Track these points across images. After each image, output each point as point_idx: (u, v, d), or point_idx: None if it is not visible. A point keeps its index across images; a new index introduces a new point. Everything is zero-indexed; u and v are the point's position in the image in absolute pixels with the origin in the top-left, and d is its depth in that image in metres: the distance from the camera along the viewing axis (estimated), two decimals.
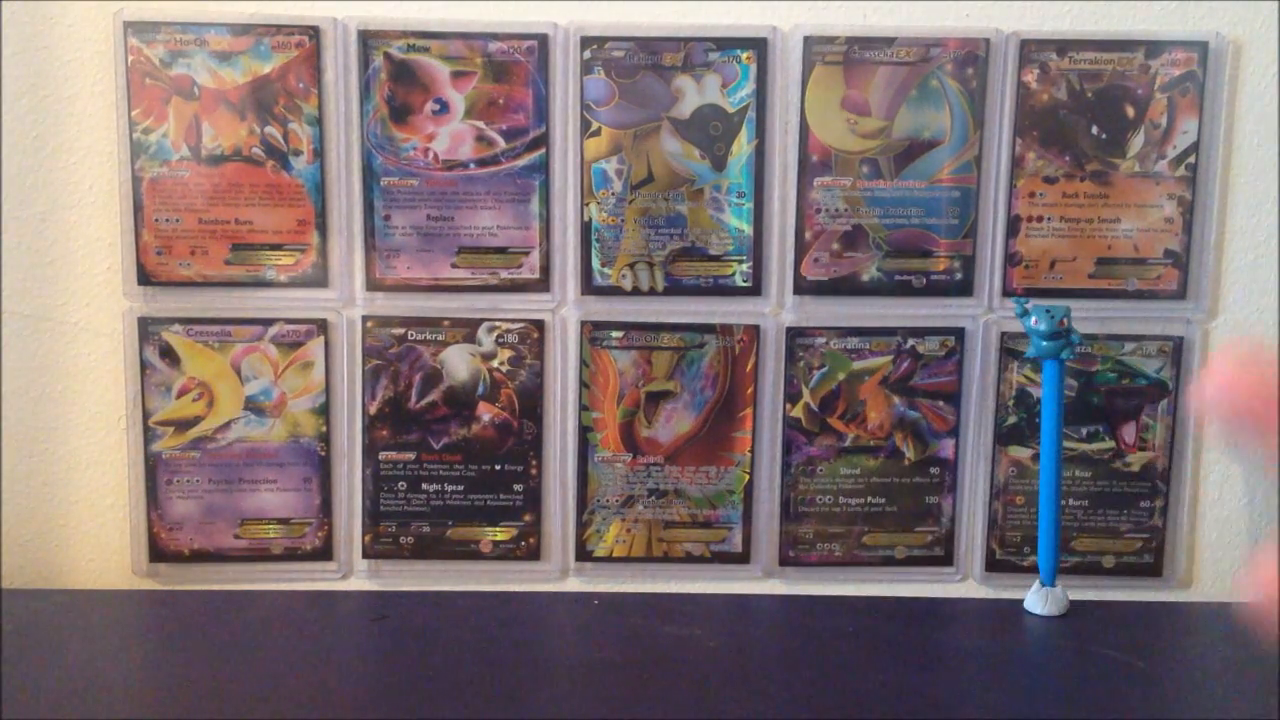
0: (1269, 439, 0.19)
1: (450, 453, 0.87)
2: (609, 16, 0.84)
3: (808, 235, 0.85)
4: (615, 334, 0.86)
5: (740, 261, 0.85)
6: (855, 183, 0.85)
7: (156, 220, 0.84)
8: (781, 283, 0.86)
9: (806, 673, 0.70)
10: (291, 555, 0.88)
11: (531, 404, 0.87)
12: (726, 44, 0.83)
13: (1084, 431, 0.88)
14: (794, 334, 0.86)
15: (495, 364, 0.86)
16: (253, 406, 0.86)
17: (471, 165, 0.84)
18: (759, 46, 0.83)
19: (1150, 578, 0.89)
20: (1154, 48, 0.84)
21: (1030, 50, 0.84)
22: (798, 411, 0.87)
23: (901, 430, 0.88)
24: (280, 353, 0.85)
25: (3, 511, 0.88)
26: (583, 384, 0.87)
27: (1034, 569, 0.87)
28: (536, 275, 0.85)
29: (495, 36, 0.83)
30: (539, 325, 0.86)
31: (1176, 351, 0.87)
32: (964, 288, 0.86)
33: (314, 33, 0.83)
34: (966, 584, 0.90)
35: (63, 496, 0.88)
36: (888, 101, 0.84)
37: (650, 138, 0.84)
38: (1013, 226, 0.85)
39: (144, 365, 0.85)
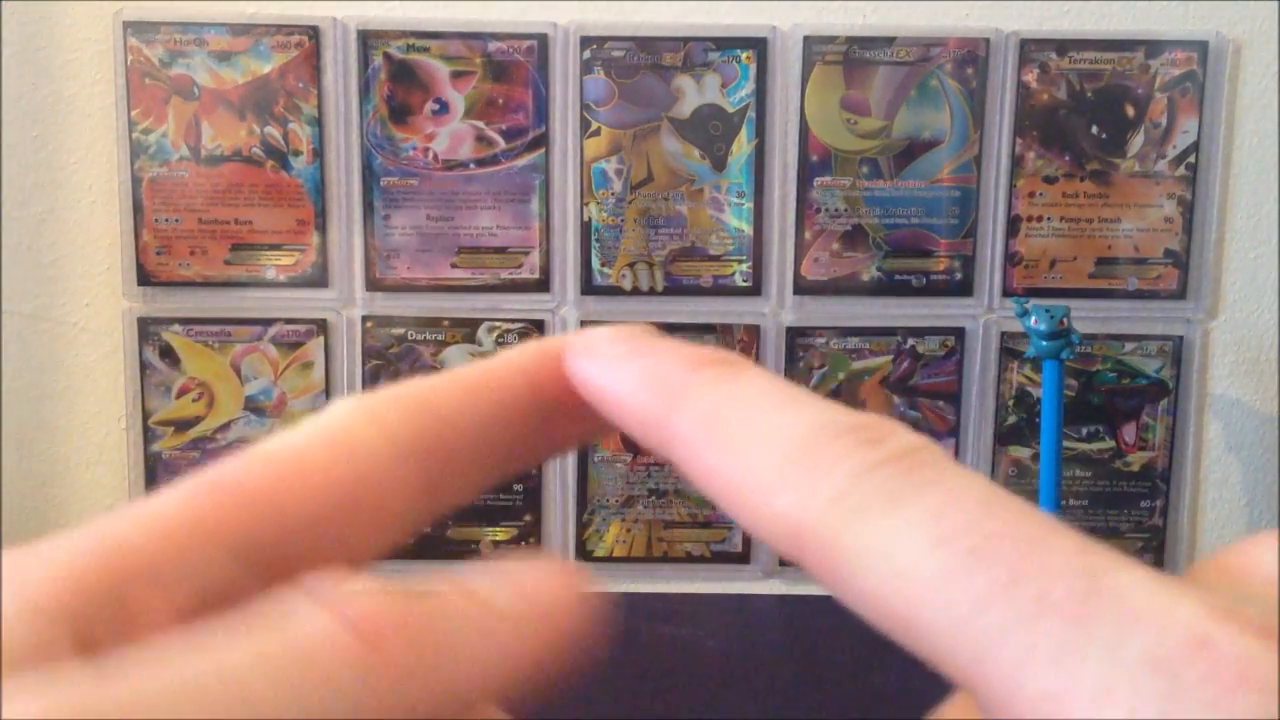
0: None
1: None
2: (609, 16, 0.84)
3: (808, 235, 0.85)
4: None
5: (740, 261, 0.85)
6: (855, 182, 0.84)
7: (156, 220, 0.84)
8: (781, 283, 0.86)
9: (806, 673, 0.70)
10: None
11: None
12: (726, 44, 0.83)
13: (1084, 431, 0.88)
14: (794, 334, 0.86)
15: None
16: (253, 407, 0.86)
17: (471, 165, 0.84)
18: (759, 46, 0.83)
19: None
20: (1154, 47, 0.84)
21: (1030, 50, 0.84)
22: None
23: None
24: (280, 353, 0.85)
25: (3, 511, 0.88)
26: None
27: None
28: (536, 275, 0.85)
29: (495, 36, 0.83)
30: (539, 325, 0.86)
31: (1176, 351, 0.87)
32: (964, 288, 0.86)
33: (314, 33, 0.83)
34: None
35: (63, 496, 0.88)
36: (887, 101, 0.84)
37: (650, 138, 0.84)
38: (1013, 226, 0.85)
39: (144, 365, 0.85)
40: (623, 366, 0.16)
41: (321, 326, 0.85)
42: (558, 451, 0.17)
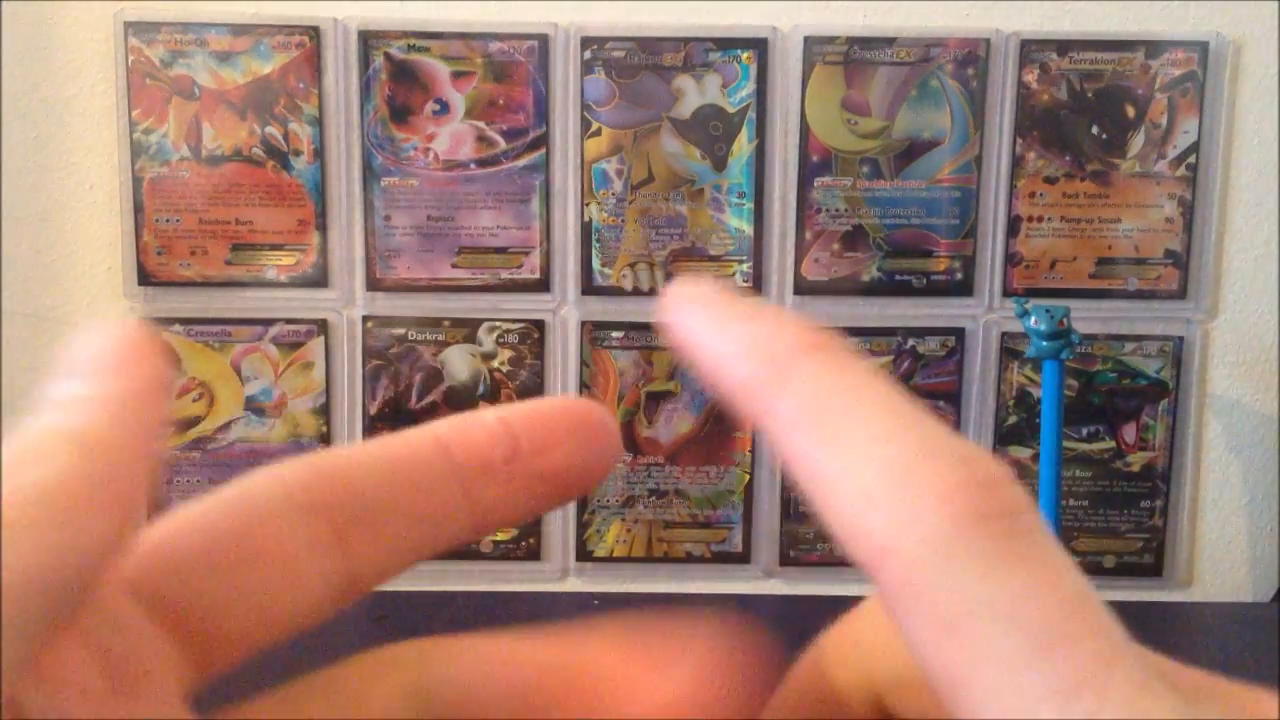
0: None
1: None
2: (609, 16, 0.84)
3: (808, 235, 0.85)
4: (615, 334, 0.86)
5: (740, 261, 0.85)
6: (855, 183, 0.85)
7: (156, 220, 0.84)
8: (781, 283, 0.86)
9: None
10: None
11: None
12: (726, 44, 0.83)
13: (1084, 431, 0.88)
14: None
15: (496, 364, 0.86)
16: (253, 407, 0.86)
17: (471, 165, 0.84)
18: (759, 46, 0.83)
19: (1150, 578, 0.89)
20: (1154, 48, 0.84)
21: (1030, 50, 0.84)
22: None
23: None
24: (280, 353, 0.85)
25: None
26: (583, 384, 0.87)
27: None
28: (537, 275, 0.85)
29: (495, 36, 0.83)
30: (539, 325, 0.86)
31: (1176, 351, 0.87)
32: (964, 288, 0.86)
33: (314, 33, 0.83)
34: None
35: None
36: (888, 101, 0.84)
37: (650, 138, 0.84)
38: (1013, 226, 0.85)
39: None
40: (729, 327, 0.15)
41: (322, 327, 0.85)
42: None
